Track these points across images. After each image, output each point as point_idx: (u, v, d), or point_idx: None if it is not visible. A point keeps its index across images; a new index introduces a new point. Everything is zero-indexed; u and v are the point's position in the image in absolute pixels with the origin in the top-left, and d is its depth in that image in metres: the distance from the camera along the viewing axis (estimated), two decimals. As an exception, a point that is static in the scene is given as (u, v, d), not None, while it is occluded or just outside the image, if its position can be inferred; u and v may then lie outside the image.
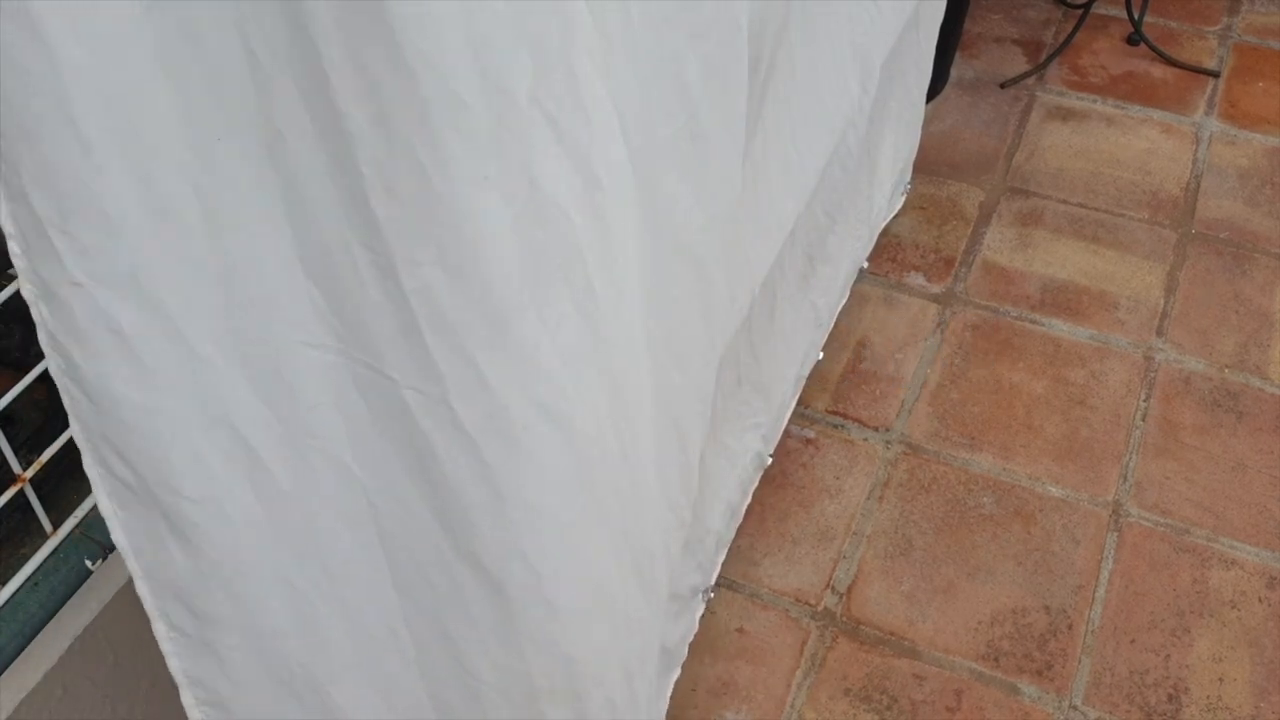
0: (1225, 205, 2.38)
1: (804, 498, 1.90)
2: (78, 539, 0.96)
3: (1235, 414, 2.00)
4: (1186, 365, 2.08)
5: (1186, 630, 1.72)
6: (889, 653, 1.71)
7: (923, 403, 2.03)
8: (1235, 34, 2.82)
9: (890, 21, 1.58)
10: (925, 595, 1.77)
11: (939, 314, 2.18)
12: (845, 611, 1.76)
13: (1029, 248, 2.30)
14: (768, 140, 1.30)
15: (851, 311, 2.16)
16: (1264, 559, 1.80)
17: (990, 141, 2.54)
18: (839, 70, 1.47)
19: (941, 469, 1.93)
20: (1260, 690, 1.65)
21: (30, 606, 0.92)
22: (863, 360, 2.10)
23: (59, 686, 1.27)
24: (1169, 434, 1.97)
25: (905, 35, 1.75)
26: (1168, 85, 2.68)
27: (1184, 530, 1.84)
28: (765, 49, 1.07)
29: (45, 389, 0.93)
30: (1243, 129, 2.56)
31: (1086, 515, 1.86)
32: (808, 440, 1.98)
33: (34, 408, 0.95)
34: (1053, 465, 1.93)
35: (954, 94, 2.66)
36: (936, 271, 2.26)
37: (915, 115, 2.13)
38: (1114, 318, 2.16)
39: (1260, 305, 2.18)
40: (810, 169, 1.45)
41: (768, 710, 1.65)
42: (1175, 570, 1.79)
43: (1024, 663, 1.69)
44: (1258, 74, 2.70)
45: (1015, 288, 2.23)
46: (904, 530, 1.85)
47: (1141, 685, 1.66)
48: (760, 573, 1.80)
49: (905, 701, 1.65)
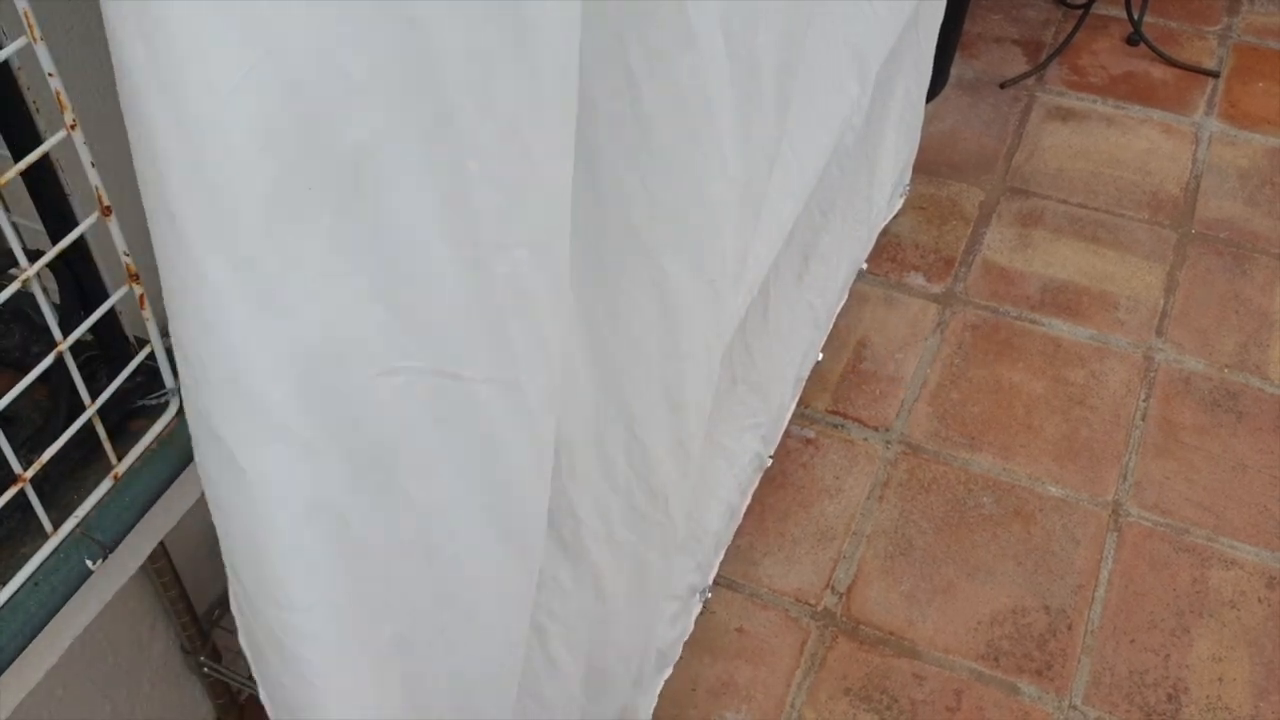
0: (1225, 205, 2.38)
1: (804, 498, 1.90)
2: (78, 539, 0.96)
3: (1235, 414, 2.00)
4: (1186, 365, 2.08)
5: (1186, 630, 1.72)
6: (889, 652, 1.71)
7: (923, 403, 2.03)
8: (1235, 34, 2.82)
9: (888, 22, 1.58)
10: (925, 595, 1.77)
11: (939, 314, 2.18)
12: (845, 611, 1.76)
13: (1029, 248, 2.30)
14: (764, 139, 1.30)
15: (851, 311, 2.16)
16: (1264, 559, 1.80)
17: (990, 141, 2.54)
18: (836, 70, 1.47)
19: (941, 469, 1.93)
20: (1260, 690, 1.65)
21: (30, 606, 0.92)
22: (863, 360, 2.11)
23: (59, 686, 1.27)
24: (1169, 434, 1.97)
25: (905, 36, 1.75)
26: (1168, 85, 2.68)
27: (1184, 530, 1.84)
28: (759, 49, 1.07)
29: (45, 389, 0.93)
30: (1243, 129, 2.56)
31: (1086, 515, 1.86)
32: (808, 440, 1.98)
33: (34, 408, 0.95)
34: (1053, 465, 1.93)
35: (954, 94, 2.66)
36: (936, 271, 2.26)
37: (915, 116, 2.13)
38: (1114, 318, 2.16)
39: (1260, 305, 2.18)
40: (809, 169, 1.45)
41: (768, 710, 1.65)
42: (1175, 570, 1.79)
43: (1024, 662, 1.69)
44: (1258, 74, 2.70)
45: (1015, 288, 2.23)
46: (904, 530, 1.85)
47: (1141, 685, 1.66)
48: (760, 572, 1.80)
49: (905, 701, 1.65)
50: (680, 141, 0.88)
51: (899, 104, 1.95)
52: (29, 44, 0.67)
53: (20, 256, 0.83)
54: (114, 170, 1.14)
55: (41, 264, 0.86)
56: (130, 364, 0.91)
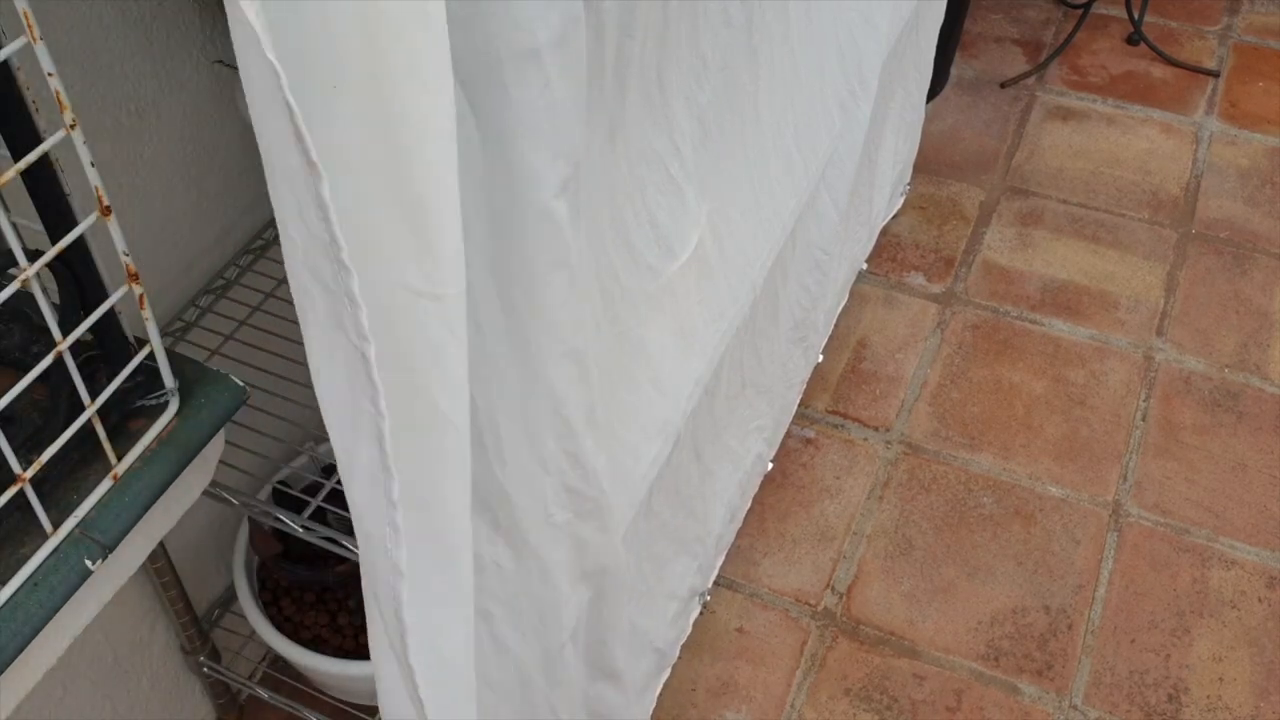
0: (1225, 205, 2.38)
1: (804, 498, 1.90)
2: (78, 539, 0.96)
3: (1235, 414, 2.00)
4: (1186, 365, 2.08)
5: (1186, 630, 1.72)
6: (889, 653, 1.71)
7: (923, 403, 2.03)
8: (1235, 34, 2.82)
9: (883, 27, 1.58)
10: (925, 595, 1.77)
11: (939, 314, 2.18)
12: (845, 611, 1.76)
13: (1029, 248, 2.30)
14: (764, 138, 1.30)
15: (851, 311, 2.16)
16: (1264, 559, 1.80)
17: (990, 141, 2.54)
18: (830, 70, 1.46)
19: (941, 469, 1.93)
20: (1260, 690, 1.65)
21: (30, 606, 0.92)
22: (863, 360, 2.11)
23: (59, 686, 1.27)
24: (1169, 434, 1.97)
25: (904, 37, 1.75)
26: (1168, 85, 2.68)
27: (1184, 530, 1.84)
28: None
29: (45, 389, 0.93)
30: (1243, 129, 2.56)
31: (1086, 515, 1.86)
32: (808, 440, 1.98)
33: (34, 408, 0.95)
34: (1053, 465, 1.93)
35: (954, 94, 2.66)
36: (936, 271, 2.26)
37: (915, 117, 2.13)
38: (1114, 317, 2.16)
39: (1260, 305, 2.18)
40: (812, 168, 1.45)
41: (768, 710, 1.65)
42: (1175, 570, 1.79)
43: (1024, 662, 1.69)
44: (1258, 74, 2.70)
45: (1015, 288, 2.23)
46: (904, 530, 1.85)
47: (1141, 685, 1.66)
48: (760, 572, 1.80)
49: (905, 701, 1.65)
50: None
51: (899, 105, 1.95)
52: (29, 44, 0.66)
53: (20, 256, 0.83)
54: (114, 170, 1.14)
55: (41, 264, 0.86)
56: (130, 364, 0.91)
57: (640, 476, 1.19)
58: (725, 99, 1.17)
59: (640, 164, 1.05)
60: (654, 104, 1.02)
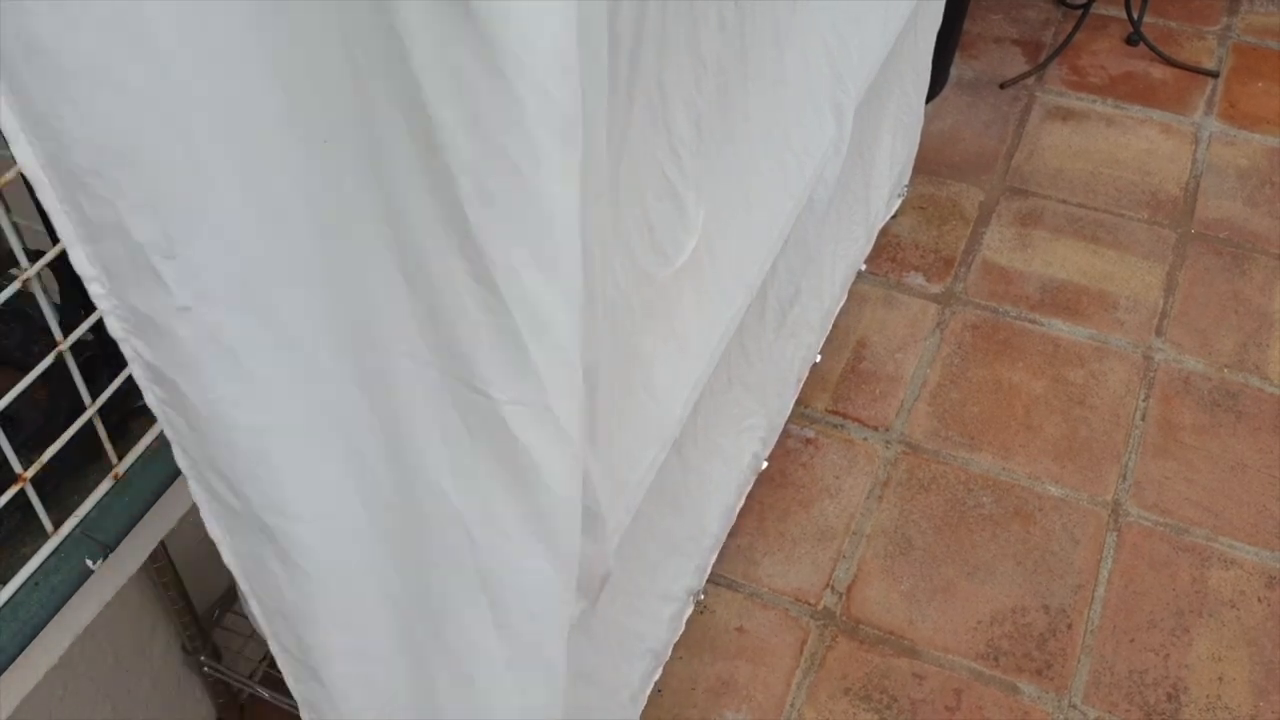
0: (1225, 205, 2.38)
1: (804, 497, 1.90)
2: (78, 539, 0.96)
3: (1235, 414, 2.00)
4: (1186, 365, 2.08)
5: (1186, 630, 1.72)
6: (889, 652, 1.71)
7: (922, 402, 2.03)
8: (1235, 34, 2.82)
9: (874, 27, 1.57)
10: (925, 595, 1.77)
11: (939, 314, 2.18)
12: (845, 611, 1.76)
13: (1028, 248, 2.30)
14: (754, 140, 1.30)
15: (851, 312, 2.16)
16: (1263, 559, 1.80)
17: (990, 141, 2.54)
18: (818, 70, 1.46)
19: (941, 469, 1.94)
20: (1260, 690, 1.65)
21: (30, 606, 0.92)
22: (862, 360, 2.11)
23: (59, 686, 1.27)
24: (1168, 434, 1.97)
25: (900, 39, 1.75)
26: (1167, 85, 2.68)
27: (1183, 530, 1.84)
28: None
29: (45, 389, 0.94)
30: (1242, 129, 2.56)
31: (1086, 515, 1.86)
32: (807, 440, 1.98)
33: (34, 408, 0.95)
34: (1052, 465, 1.93)
35: (954, 94, 2.66)
36: (936, 271, 2.26)
37: (913, 118, 2.13)
38: (1113, 317, 2.17)
39: (1260, 305, 2.18)
40: (807, 169, 1.45)
41: (767, 709, 1.65)
42: (1175, 570, 1.79)
43: (1023, 662, 1.69)
44: (1257, 74, 2.70)
45: (1015, 288, 2.23)
46: (904, 530, 1.85)
47: (1141, 685, 1.66)
48: (760, 572, 1.80)
49: (905, 701, 1.65)
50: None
51: (895, 105, 1.95)
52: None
53: (20, 256, 0.84)
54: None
55: (42, 264, 0.86)
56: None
57: (636, 484, 1.18)
58: (719, 102, 1.17)
59: (640, 169, 1.05)
60: (655, 109, 1.02)
